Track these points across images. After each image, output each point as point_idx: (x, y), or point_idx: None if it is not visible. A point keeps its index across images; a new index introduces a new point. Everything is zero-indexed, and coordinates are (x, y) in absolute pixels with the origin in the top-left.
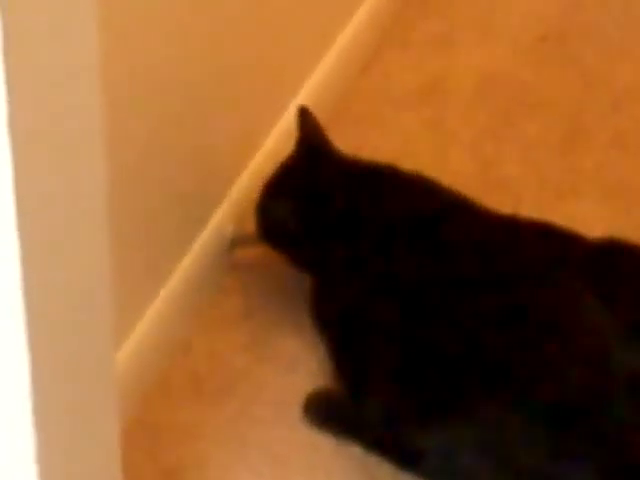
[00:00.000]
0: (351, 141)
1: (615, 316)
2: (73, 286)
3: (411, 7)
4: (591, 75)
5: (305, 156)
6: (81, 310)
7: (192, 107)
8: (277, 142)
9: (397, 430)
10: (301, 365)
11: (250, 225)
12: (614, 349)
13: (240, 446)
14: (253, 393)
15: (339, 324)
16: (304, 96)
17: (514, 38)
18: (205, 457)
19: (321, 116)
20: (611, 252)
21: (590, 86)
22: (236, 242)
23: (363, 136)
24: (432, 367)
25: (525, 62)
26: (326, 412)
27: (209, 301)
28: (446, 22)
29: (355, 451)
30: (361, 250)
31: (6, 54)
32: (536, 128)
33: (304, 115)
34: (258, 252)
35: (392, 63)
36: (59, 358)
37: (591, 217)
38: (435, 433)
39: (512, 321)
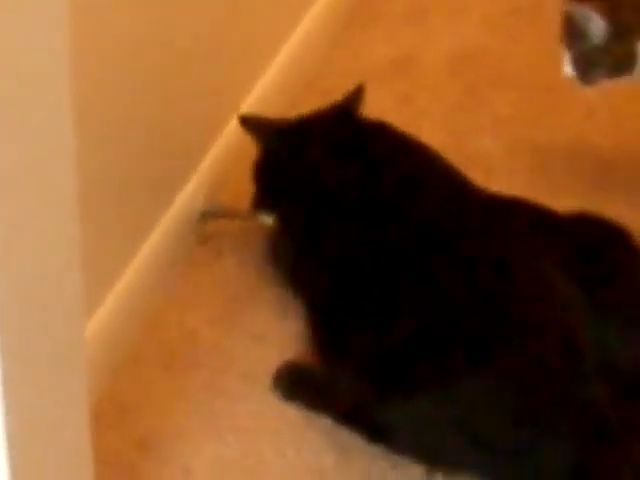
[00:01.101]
0: None
1: (585, 290)
2: (42, 258)
3: None
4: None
5: (323, 111)
6: (50, 282)
7: (163, 79)
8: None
9: (367, 404)
10: (271, 336)
11: (221, 198)
12: (581, 323)
13: (210, 418)
14: (223, 365)
15: (319, 291)
16: (275, 71)
17: (486, 12)
18: (175, 429)
19: (292, 91)
20: (581, 225)
21: (561, 59)
22: (207, 215)
23: None
24: (402, 343)
25: (497, 36)
26: (296, 384)
27: (179, 274)
28: None
29: (325, 423)
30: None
31: None
32: (508, 102)
33: (358, 89)
34: (229, 225)
35: (363, 38)
36: (27, 331)
37: (563, 191)
38: (404, 408)
39: (481, 295)
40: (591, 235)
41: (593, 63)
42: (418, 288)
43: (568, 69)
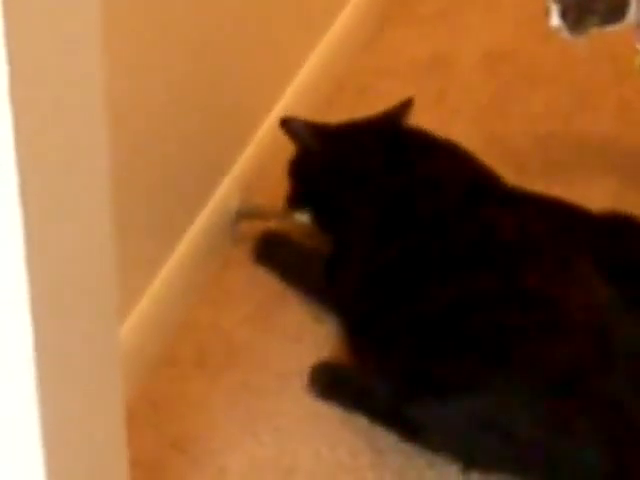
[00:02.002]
0: (355, 116)
1: (618, 289)
2: (76, 260)
3: None
4: (594, 47)
5: (368, 118)
6: (85, 284)
7: (197, 81)
8: (281, 116)
9: (402, 403)
10: (305, 336)
11: (255, 198)
12: (613, 322)
13: (245, 417)
14: (257, 365)
15: (352, 293)
16: (309, 71)
17: (518, 12)
18: (210, 429)
19: (326, 90)
20: (615, 226)
21: (594, 58)
22: (241, 215)
23: (367, 111)
24: (435, 343)
25: (529, 36)
26: (331, 383)
27: (213, 274)
28: None
29: (360, 422)
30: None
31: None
32: (541, 101)
33: (407, 102)
34: (263, 225)
35: (396, 38)
36: (63, 332)
37: (597, 190)
38: (438, 406)
39: (512, 296)
40: (624, 234)
41: (585, 11)
42: (452, 288)
43: (556, 20)
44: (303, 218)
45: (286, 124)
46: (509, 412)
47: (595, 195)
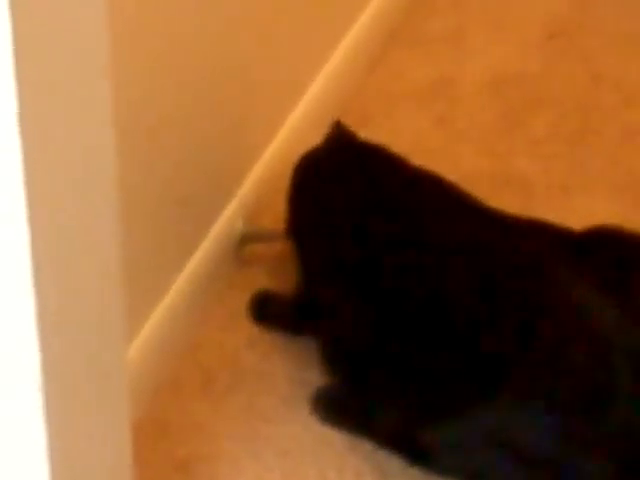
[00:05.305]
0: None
1: (610, 300)
2: (84, 283)
3: (420, 5)
4: (600, 71)
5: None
6: (92, 306)
7: (202, 102)
8: (286, 139)
9: (408, 426)
10: (311, 360)
11: (260, 221)
12: (613, 333)
13: (250, 441)
14: (263, 388)
15: (351, 319)
16: (313, 94)
17: (523, 35)
18: (215, 452)
19: (331, 114)
20: (599, 239)
21: (599, 82)
22: (246, 238)
23: (373, 134)
24: (441, 364)
25: (535, 59)
26: (336, 408)
27: (219, 297)
28: (455, 19)
29: (366, 446)
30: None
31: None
32: (546, 125)
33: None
34: (268, 248)
35: (401, 61)
36: (70, 355)
37: (601, 213)
38: (445, 429)
39: (509, 315)
40: (609, 247)
41: None
42: (452, 313)
43: None
44: None
45: (338, 127)
46: (517, 432)
47: (599, 218)
